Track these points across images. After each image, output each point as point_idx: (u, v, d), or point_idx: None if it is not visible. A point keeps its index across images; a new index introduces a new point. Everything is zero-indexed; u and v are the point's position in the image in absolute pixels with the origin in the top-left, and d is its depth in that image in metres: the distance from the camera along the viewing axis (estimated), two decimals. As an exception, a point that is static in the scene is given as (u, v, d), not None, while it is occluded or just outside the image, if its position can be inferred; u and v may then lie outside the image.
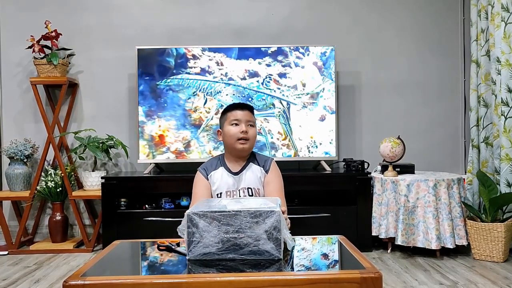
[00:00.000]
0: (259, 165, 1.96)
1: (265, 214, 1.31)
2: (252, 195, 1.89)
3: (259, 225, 1.31)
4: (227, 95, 3.45)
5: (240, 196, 1.88)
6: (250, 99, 3.45)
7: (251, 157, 1.98)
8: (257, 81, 3.46)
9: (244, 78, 3.46)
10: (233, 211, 1.33)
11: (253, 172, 1.94)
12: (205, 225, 1.33)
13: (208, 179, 1.93)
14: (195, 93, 3.45)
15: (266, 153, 3.42)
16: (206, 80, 3.45)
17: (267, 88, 3.46)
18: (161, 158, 3.45)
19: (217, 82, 3.45)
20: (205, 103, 3.46)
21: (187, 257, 1.35)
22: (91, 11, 3.71)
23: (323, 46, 3.50)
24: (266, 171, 1.94)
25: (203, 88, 3.46)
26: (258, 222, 1.31)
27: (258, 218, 1.31)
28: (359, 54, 3.79)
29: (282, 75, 3.47)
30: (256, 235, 1.31)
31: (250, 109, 1.97)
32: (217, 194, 1.91)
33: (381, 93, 3.81)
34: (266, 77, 3.46)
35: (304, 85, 3.47)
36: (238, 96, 3.46)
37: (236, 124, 1.91)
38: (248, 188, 1.90)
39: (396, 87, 3.82)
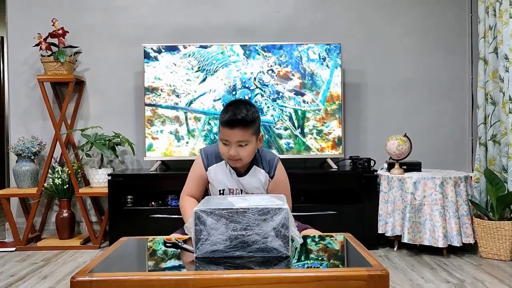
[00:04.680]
0: (263, 168, 1.81)
1: (273, 211, 1.31)
2: None
3: (267, 223, 1.31)
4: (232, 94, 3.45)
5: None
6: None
7: (255, 158, 1.82)
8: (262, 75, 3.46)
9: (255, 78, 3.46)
10: (241, 208, 1.32)
11: (256, 177, 1.80)
12: (213, 223, 1.32)
13: (206, 170, 1.81)
14: (199, 91, 3.46)
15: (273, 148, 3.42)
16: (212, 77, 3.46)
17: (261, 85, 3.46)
18: (167, 156, 3.46)
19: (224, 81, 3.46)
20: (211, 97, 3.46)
21: (194, 255, 1.35)
22: (97, 9, 3.72)
23: (328, 43, 3.49)
24: (271, 177, 1.81)
25: (209, 83, 3.46)
26: (266, 219, 1.31)
27: (266, 215, 1.31)
28: (364, 52, 3.77)
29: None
30: (264, 232, 1.31)
31: (243, 123, 1.67)
32: (220, 191, 1.81)
33: (387, 91, 3.79)
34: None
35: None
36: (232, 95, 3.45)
37: (226, 144, 1.71)
38: (252, 194, 1.80)
39: (402, 84, 3.80)
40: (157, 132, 3.45)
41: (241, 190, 1.81)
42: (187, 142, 3.45)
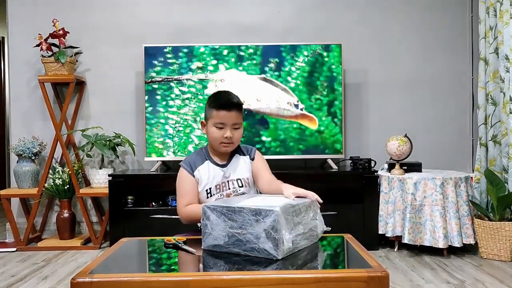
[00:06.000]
0: (244, 154, 1.89)
1: (264, 213, 1.32)
2: (242, 186, 1.83)
3: (259, 223, 1.33)
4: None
5: (229, 189, 1.82)
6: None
7: (235, 148, 1.89)
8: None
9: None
10: (237, 207, 1.36)
11: (239, 163, 1.87)
12: (215, 218, 1.40)
13: (194, 176, 1.81)
14: (201, 91, 3.46)
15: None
16: (210, 79, 3.46)
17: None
18: (168, 156, 3.46)
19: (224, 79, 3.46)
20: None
21: (202, 247, 1.43)
22: (98, 9, 3.72)
23: (329, 44, 3.49)
24: (252, 159, 1.89)
25: (208, 86, 3.46)
26: (258, 220, 1.33)
27: (258, 216, 1.33)
28: (366, 52, 3.77)
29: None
30: (256, 233, 1.33)
31: (238, 107, 1.80)
32: (206, 190, 1.80)
33: (388, 91, 3.79)
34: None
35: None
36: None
37: (221, 128, 1.77)
38: (237, 179, 1.84)
39: (403, 84, 3.80)
40: (156, 126, 3.45)
41: (228, 182, 1.83)
42: (185, 141, 3.45)
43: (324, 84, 3.48)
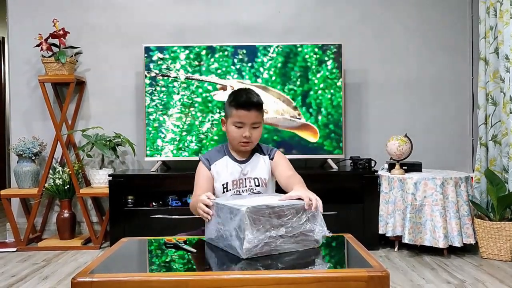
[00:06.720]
0: (264, 154, 1.88)
1: (235, 211, 1.34)
2: (258, 185, 1.82)
3: (232, 221, 1.35)
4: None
5: (246, 186, 1.81)
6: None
7: (256, 147, 1.90)
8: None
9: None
10: (222, 204, 1.42)
11: (259, 162, 1.86)
12: (213, 213, 1.48)
13: (210, 169, 1.83)
14: (201, 91, 3.46)
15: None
16: (211, 82, 3.46)
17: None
18: (168, 156, 3.46)
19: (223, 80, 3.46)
20: (211, 99, 3.46)
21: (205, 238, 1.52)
22: (98, 10, 3.72)
23: (329, 44, 3.49)
24: (272, 159, 1.88)
25: (208, 87, 3.46)
26: (231, 218, 1.36)
27: (231, 214, 1.36)
28: (366, 52, 3.77)
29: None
30: (230, 230, 1.36)
31: (258, 106, 1.80)
32: (223, 184, 1.80)
33: (388, 91, 3.79)
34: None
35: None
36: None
37: (240, 127, 1.78)
38: (255, 178, 1.83)
39: (403, 84, 3.80)
40: (156, 127, 3.45)
41: (245, 179, 1.83)
42: (187, 142, 3.45)
43: (324, 84, 3.48)
